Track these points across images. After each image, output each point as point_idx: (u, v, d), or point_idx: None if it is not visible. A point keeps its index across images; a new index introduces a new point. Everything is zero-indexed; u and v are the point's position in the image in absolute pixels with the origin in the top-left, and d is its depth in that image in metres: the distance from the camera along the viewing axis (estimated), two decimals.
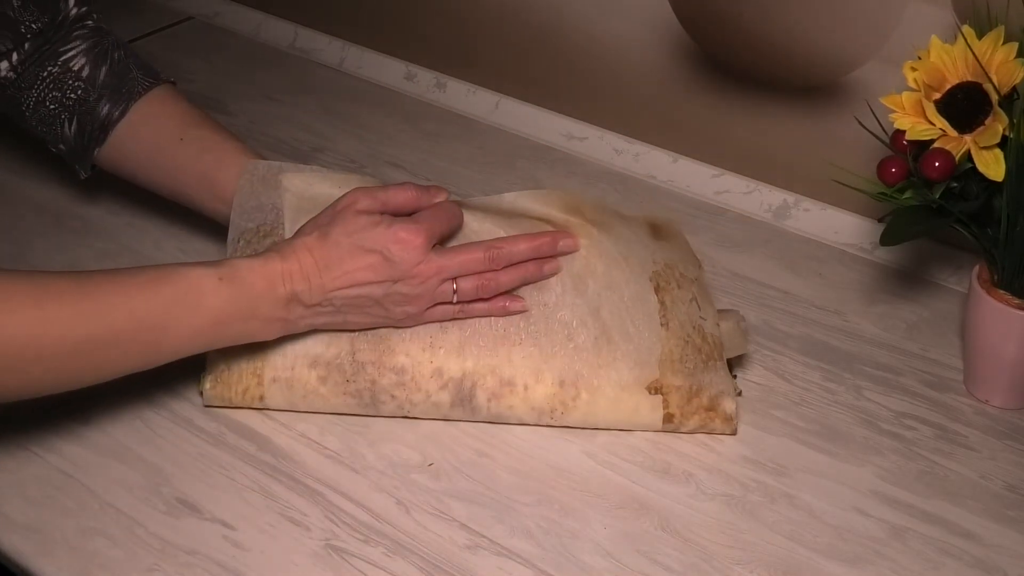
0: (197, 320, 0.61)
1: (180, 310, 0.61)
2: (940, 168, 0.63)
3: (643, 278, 0.70)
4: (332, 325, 0.67)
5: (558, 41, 0.98)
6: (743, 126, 0.90)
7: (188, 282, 0.61)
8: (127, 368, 0.62)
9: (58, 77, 0.77)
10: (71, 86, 0.77)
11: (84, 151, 0.78)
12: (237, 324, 0.63)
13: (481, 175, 0.96)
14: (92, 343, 0.59)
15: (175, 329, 0.61)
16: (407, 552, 0.61)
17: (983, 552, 0.62)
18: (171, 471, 0.66)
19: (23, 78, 0.77)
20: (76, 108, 0.77)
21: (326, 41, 1.13)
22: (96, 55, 0.78)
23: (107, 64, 0.77)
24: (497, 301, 0.68)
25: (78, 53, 0.77)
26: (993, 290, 0.69)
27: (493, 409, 0.68)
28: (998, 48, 0.63)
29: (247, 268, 0.63)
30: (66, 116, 0.77)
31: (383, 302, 0.65)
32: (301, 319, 0.65)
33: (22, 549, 0.61)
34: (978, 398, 0.73)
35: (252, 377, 0.68)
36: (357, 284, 0.64)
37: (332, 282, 0.64)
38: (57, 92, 0.77)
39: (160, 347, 0.62)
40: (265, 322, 0.64)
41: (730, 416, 0.68)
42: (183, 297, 0.61)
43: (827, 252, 0.87)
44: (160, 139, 0.76)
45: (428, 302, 0.66)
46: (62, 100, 0.77)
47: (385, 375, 0.67)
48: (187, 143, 0.75)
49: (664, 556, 0.61)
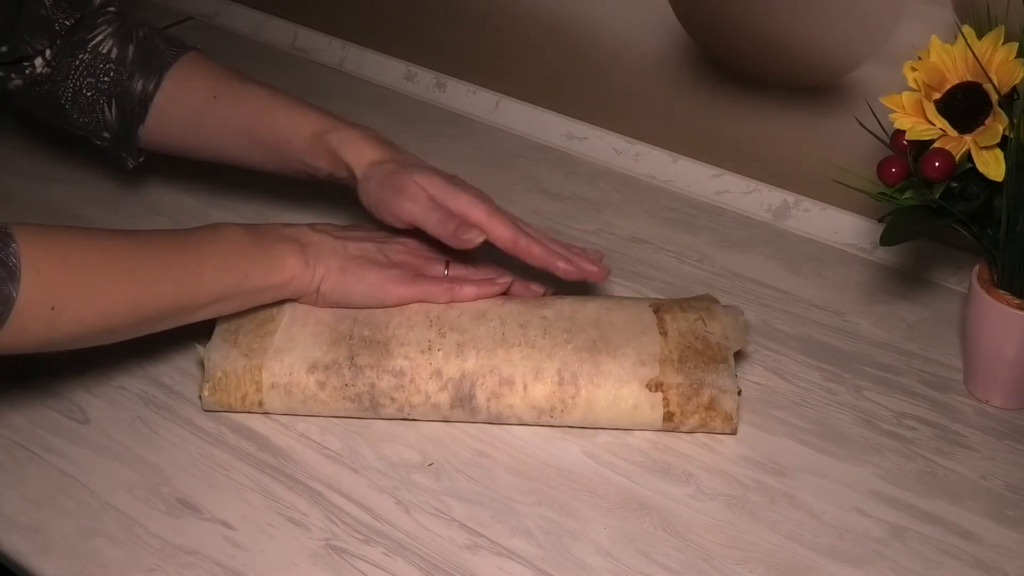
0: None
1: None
2: (940, 168, 0.63)
3: (643, 305, 0.71)
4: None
5: (558, 41, 0.98)
6: (743, 126, 0.90)
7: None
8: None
9: (89, 63, 0.77)
10: (103, 69, 0.77)
11: (128, 132, 0.79)
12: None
13: (481, 175, 0.95)
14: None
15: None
16: (407, 552, 0.61)
17: (983, 552, 0.62)
18: (171, 471, 0.66)
19: (57, 71, 0.77)
20: (112, 90, 0.78)
21: (326, 41, 1.13)
22: (121, 36, 0.78)
23: (133, 43, 0.78)
24: (485, 285, 0.71)
25: (104, 37, 0.78)
26: (993, 290, 0.69)
27: (493, 409, 0.68)
28: (998, 48, 0.63)
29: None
30: (104, 100, 0.78)
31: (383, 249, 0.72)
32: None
33: (22, 549, 0.61)
34: (978, 398, 0.73)
35: (251, 384, 0.68)
36: None
37: None
38: (91, 78, 0.77)
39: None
40: None
41: (730, 415, 0.68)
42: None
43: (827, 252, 0.87)
44: (196, 102, 0.77)
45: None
46: (97, 85, 0.78)
47: (384, 378, 0.67)
48: (221, 100, 0.77)
49: (664, 556, 0.61)
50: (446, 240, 0.69)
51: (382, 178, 0.71)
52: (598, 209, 0.92)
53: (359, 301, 0.71)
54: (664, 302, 0.72)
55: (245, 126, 0.76)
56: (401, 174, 0.70)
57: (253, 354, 0.68)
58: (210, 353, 0.68)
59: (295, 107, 0.76)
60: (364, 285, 0.70)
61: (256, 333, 0.69)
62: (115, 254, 0.63)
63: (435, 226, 0.69)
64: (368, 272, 0.70)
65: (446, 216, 0.69)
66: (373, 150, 0.73)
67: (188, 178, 0.91)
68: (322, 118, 0.75)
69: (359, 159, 0.72)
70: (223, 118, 0.77)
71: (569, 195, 0.93)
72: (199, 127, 0.78)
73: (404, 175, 0.70)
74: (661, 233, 0.89)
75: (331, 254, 0.70)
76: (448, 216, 0.69)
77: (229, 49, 1.15)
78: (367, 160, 0.72)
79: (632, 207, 0.92)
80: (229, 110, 0.76)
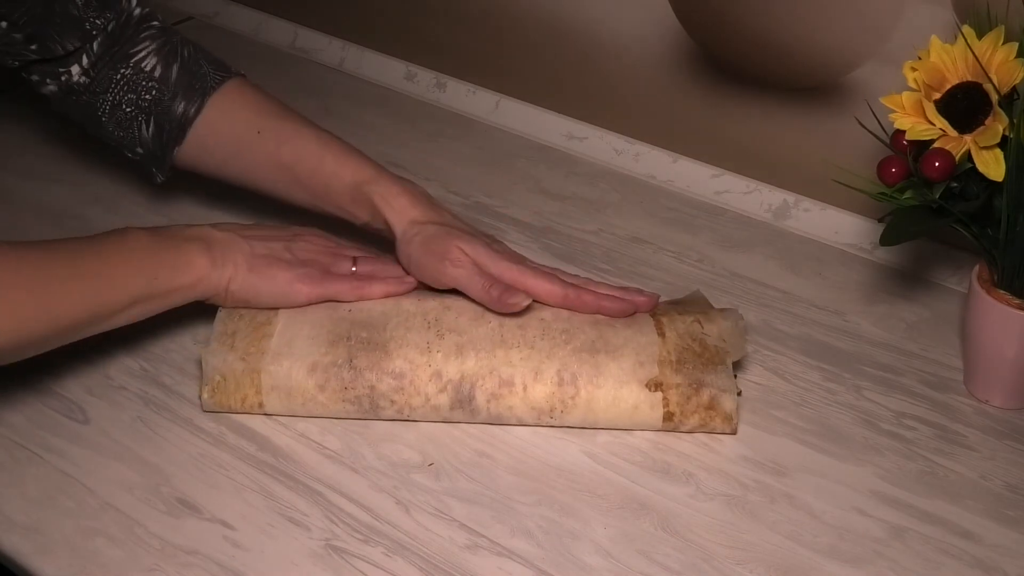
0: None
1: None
2: (940, 168, 0.63)
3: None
4: None
5: (558, 41, 0.98)
6: (743, 126, 0.90)
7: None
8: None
9: (131, 79, 0.77)
10: (145, 87, 0.77)
11: (163, 151, 0.78)
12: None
13: (481, 175, 0.96)
14: None
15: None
16: (407, 552, 0.61)
17: (983, 552, 0.62)
18: (171, 471, 0.66)
19: (96, 82, 0.77)
20: (152, 109, 0.77)
21: (326, 41, 1.13)
22: (166, 54, 0.78)
23: (178, 62, 0.78)
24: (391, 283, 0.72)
25: (148, 53, 0.77)
26: (993, 290, 0.69)
27: (493, 410, 0.68)
28: (998, 48, 0.63)
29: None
30: (143, 118, 0.77)
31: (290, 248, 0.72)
32: None
33: (22, 549, 0.61)
34: (978, 398, 0.73)
35: (250, 387, 0.68)
36: None
37: None
38: (132, 94, 0.77)
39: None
40: None
41: (730, 415, 0.68)
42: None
43: (827, 252, 0.87)
44: (238, 133, 0.77)
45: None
46: (137, 102, 0.77)
47: (383, 380, 0.67)
48: (264, 136, 0.76)
49: (664, 556, 0.61)
50: (491, 306, 0.69)
51: (425, 240, 0.71)
52: (598, 209, 0.92)
53: (268, 301, 0.71)
54: (660, 307, 0.72)
55: (286, 166, 0.75)
56: (444, 239, 0.70)
57: (251, 358, 0.68)
58: (207, 357, 0.68)
59: (339, 152, 0.75)
60: (273, 284, 0.70)
61: (253, 336, 0.69)
62: (28, 265, 0.63)
63: (479, 292, 0.69)
64: (276, 271, 0.71)
65: (490, 282, 0.69)
66: (414, 208, 0.72)
67: (189, 178, 0.91)
68: (364, 167, 0.74)
69: (399, 217, 0.72)
70: (264, 154, 0.76)
71: (569, 195, 0.93)
72: (238, 158, 0.77)
73: (447, 240, 0.70)
74: (661, 233, 0.89)
75: (238, 253, 0.70)
76: (492, 282, 0.69)
77: (229, 49, 1.15)
78: (407, 218, 0.72)
79: (632, 207, 0.92)
80: (271, 147, 0.76)
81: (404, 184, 0.74)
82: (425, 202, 0.74)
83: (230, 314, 0.71)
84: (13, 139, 0.98)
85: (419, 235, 0.71)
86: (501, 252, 0.72)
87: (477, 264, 0.70)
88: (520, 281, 0.70)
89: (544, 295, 0.70)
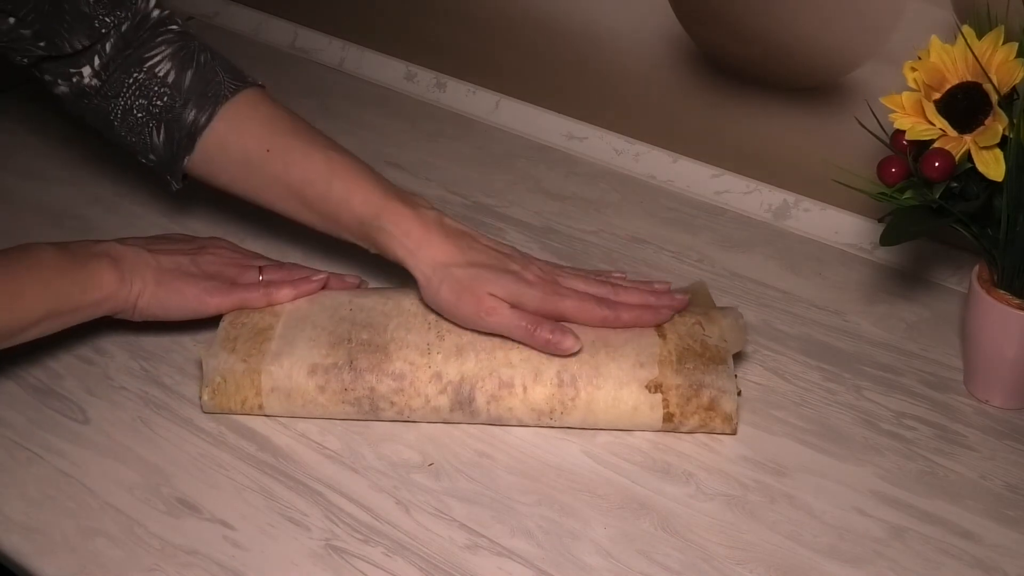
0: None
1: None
2: (940, 168, 0.63)
3: None
4: None
5: (558, 41, 0.98)
6: (743, 126, 0.90)
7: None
8: None
9: (144, 83, 0.75)
10: (157, 92, 0.75)
11: (173, 160, 0.76)
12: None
13: (481, 175, 0.96)
14: None
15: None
16: (407, 552, 0.61)
17: (983, 552, 0.62)
18: (171, 471, 0.66)
19: (108, 85, 0.75)
20: (163, 115, 0.75)
21: (326, 41, 1.13)
22: (182, 59, 0.76)
23: (192, 68, 0.75)
24: (303, 284, 0.73)
25: (163, 58, 0.75)
26: (993, 290, 0.69)
27: (493, 411, 0.68)
28: (998, 48, 0.63)
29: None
30: (154, 124, 0.75)
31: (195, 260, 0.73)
32: None
33: (22, 549, 0.61)
34: (978, 398, 0.73)
35: (250, 388, 0.68)
36: None
37: None
38: (143, 99, 0.75)
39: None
40: None
41: (730, 416, 0.68)
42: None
43: (827, 252, 0.87)
44: (247, 148, 0.74)
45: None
46: (148, 108, 0.75)
47: (383, 381, 0.67)
48: (273, 155, 0.73)
49: (664, 556, 0.61)
50: (541, 350, 0.68)
51: (453, 289, 0.68)
52: (598, 209, 0.92)
53: (176, 315, 0.71)
54: None
55: (295, 189, 0.73)
56: (473, 287, 0.68)
57: (251, 359, 0.68)
58: (208, 359, 0.68)
59: (348, 178, 0.72)
60: (181, 298, 0.71)
61: (254, 340, 0.69)
62: None
63: (524, 338, 0.67)
64: (184, 285, 0.71)
65: (533, 324, 0.67)
66: (430, 245, 0.69)
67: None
68: (373, 196, 0.71)
69: (415, 259, 0.69)
70: (274, 174, 0.73)
71: (569, 195, 0.93)
72: (248, 176, 0.75)
73: (476, 287, 0.67)
74: (661, 233, 0.89)
75: (145, 268, 0.70)
76: (535, 324, 0.67)
77: (229, 49, 1.15)
78: (426, 261, 0.69)
79: (632, 207, 0.92)
80: (279, 167, 0.73)
81: (414, 212, 0.70)
82: (438, 231, 0.70)
83: (233, 322, 0.71)
84: (13, 139, 0.98)
85: (445, 282, 0.68)
86: (533, 281, 0.69)
87: (514, 304, 0.68)
88: (559, 313, 0.69)
89: (583, 319, 0.69)
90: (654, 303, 0.71)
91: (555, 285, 0.70)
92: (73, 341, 0.75)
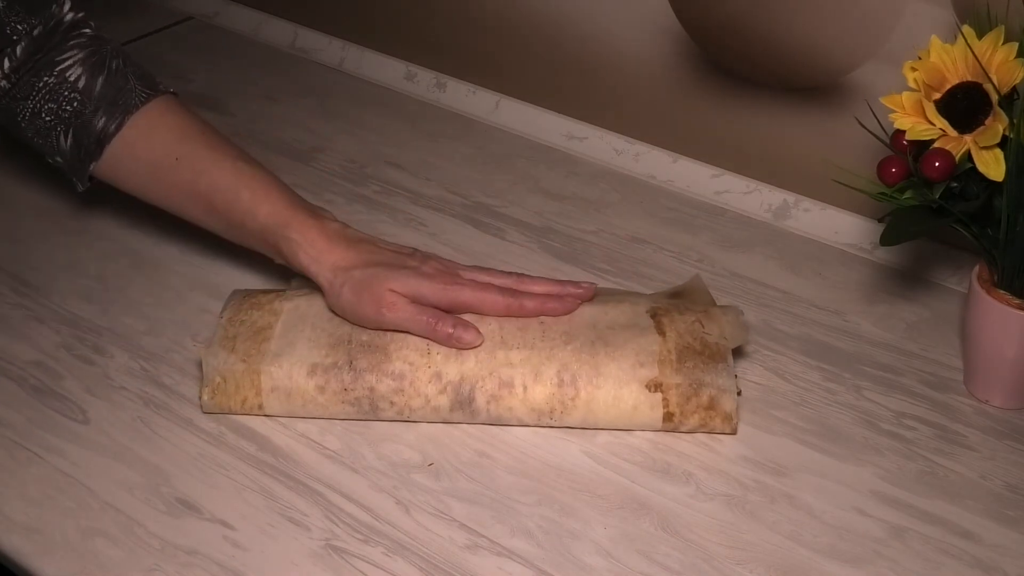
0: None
1: None
2: (940, 168, 0.63)
3: (640, 309, 0.71)
4: None
5: (558, 41, 0.98)
6: (743, 126, 0.90)
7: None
8: None
9: (54, 88, 0.74)
10: (67, 97, 0.74)
11: (80, 165, 0.75)
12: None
13: (481, 175, 0.96)
14: None
15: None
16: (407, 552, 0.61)
17: (983, 552, 0.62)
18: (171, 471, 0.66)
19: (18, 88, 0.74)
20: (72, 120, 0.74)
21: (326, 41, 1.13)
22: (93, 65, 0.74)
23: (104, 74, 0.74)
24: None
25: (75, 63, 0.74)
26: (993, 290, 0.69)
27: (493, 411, 0.68)
28: (998, 48, 0.63)
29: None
30: (62, 128, 0.74)
31: None
32: None
33: (22, 549, 0.61)
34: (978, 398, 0.73)
35: (250, 388, 0.68)
36: None
37: None
38: (52, 104, 0.74)
39: None
40: None
41: (730, 415, 0.68)
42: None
43: (827, 252, 0.87)
44: (156, 157, 0.74)
45: None
46: (58, 112, 0.74)
47: (383, 381, 0.67)
48: (182, 164, 0.73)
49: (664, 556, 0.61)
50: (443, 344, 0.68)
51: (354, 289, 0.69)
52: (598, 209, 0.92)
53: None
54: (661, 305, 0.72)
55: (204, 196, 0.73)
56: (373, 284, 0.68)
57: (251, 359, 0.68)
58: (208, 359, 0.68)
59: (256, 188, 0.72)
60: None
61: (254, 340, 0.69)
62: None
63: (426, 332, 0.68)
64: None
65: (434, 318, 0.68)
66: (332, 251, 0.70)
67: None
68: (279, 207, 0.71)
69: (319, 266, 0.70)
70: (182, 182, 0.73)
71: (569, 195, 0.93)
72: (156, 182, 0.75)
73: (376, 285, 0.68)
74: (661, 233, 0.89)
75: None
76: (436, 318, 0.68)
77: (229, 49, 1.15)
78: (328, 265, 0.70)
79: (632, 207, 0.92)
80: (188, 176, 0.73)
81: (318, 223, 0.71)
82: (341, 240, 0.71)
83: (231, 320, 0.71)
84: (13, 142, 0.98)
85: (346, 284, 0.69)
86: (432, 274, 0.70)
87: (413, 298, 0.68)
88: (460, 303, 0.69)
89: (487, 309, 0.70)
90: (559, 292, 0.71)
91: (454, 276, 0.71)
92: (73, 341, 0.75)
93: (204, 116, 0.77)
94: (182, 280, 0.81)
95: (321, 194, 0.92)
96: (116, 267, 0.83)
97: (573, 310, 0.71)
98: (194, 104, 0.87)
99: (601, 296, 0.73)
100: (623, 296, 0.74)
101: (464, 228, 0.88)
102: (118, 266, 0.83)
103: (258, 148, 0.98)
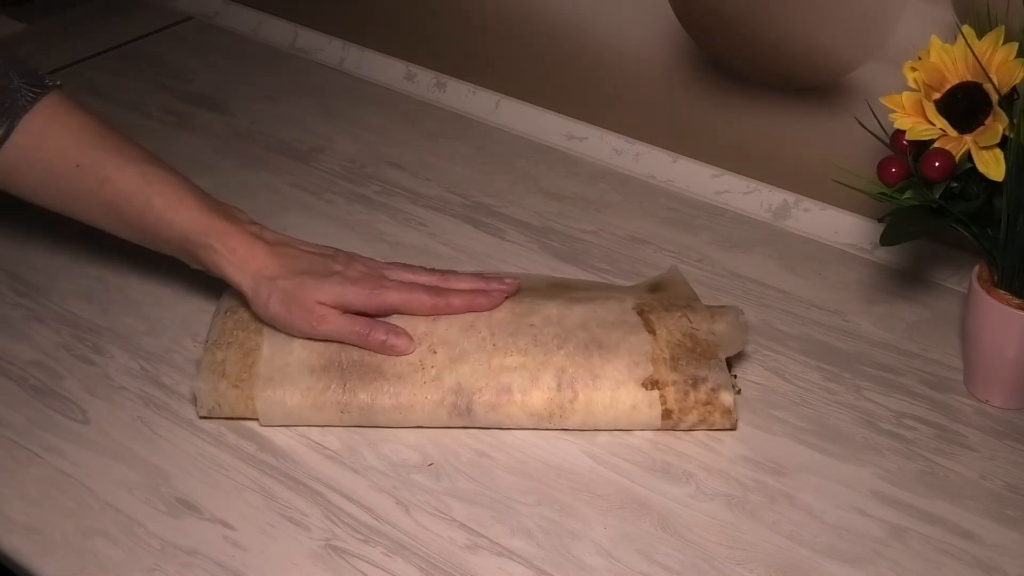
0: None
1: None
2: (940, 168, 0.63)
3: (626, 306, 0.71)
4: None
5: (558, 41, 0.98)
6: (743, 126, 0.90)
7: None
8: None
9: None
10: None
11: None
12: None
13: (481, 175, 0.96)
14: None
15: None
16: (407, 552, 0.61)
17: (983, 552, 0.62)
18: (171, 471, 0.66)
19: None
20: None
21: (326, 41, 1.13)
22: None
23: None
24: None
25: None
26: (993, 290, 0.69)
27: (492, 418, 0.68)
28: (998, 48, 0.63)
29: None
30: None
31: None
32: None
33: (22, 549, 0.61)
34: (978, 398, 0.73)
35: (246, 410, 0.68)
36: None
37: None
38: None
39: None
40: None
41: (729, 408, 0.67)
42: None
43: (827, 252, 0.87)
44: (52, 164, 0.69)
45: None
46: None
47: (379, 399, 0.67)
48: (84, 170, 0.69)
49: (664, 556, 0.61)
50: (377, 352, 0.68)
51: (281, 301, 0.68)
52: (598, 209, 0.92)
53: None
54: (644, 301, 0.72)
55: (110, 204, 0.69)
56: (300, 296, 0.68)
57: (243, 384, 0.67)
58: (200, 385, 0.68)
59: (169, 195, 0.69)
60: None
61: (243, 362, 0.68)
62: None
63: (358, 342, 0.68)
64: None
65: (365, 328, 0.68)
66: (254, 259, 0.69)
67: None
68: (196, 214, 0.69)
69: (242, 274, 0.69)
70: (85, 189, 0.69)
71: (569, 195, 0.93)
72: (55, 189, 0.70)
73: (303, 296, 0.68)
74: (661, 233, 0.89)
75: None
76: (367, 327, 0.68)
77: (229, 49, 1.15)
78: (250, 273, 0.68)
79: (632, 207, 0.92)
80: (92, 183, 0.69)
81: (237, 228, 0.69)
82: (261, 245, 0.69)
83: (217, 342, 0.70)
84: None
85: (273, 295, 0.68)
86: (358, 279, 0.69)
87: (342, 307, 0.68)
88: (387, 306, 0.69)
89: (414, 309, 0.70)
90: (484, 287, 0.71)
91: (380, 279, 0.70)
92: (73, 341, 0.75)
93: (204, 116, 0.77)
94: (182, 280, 0.81)
95: (321, 194, 0.92)
96: (116, 267, 0.83)
97: (499, 304, 0.71)
98: (194, 104, 0.87)
99: (583, 291, 0.73)
100: (607, 292, 0.74)
101: (464, 228, 0.88)
102: (118, 266, 0.83)
103: (258, 148, 0.98)
